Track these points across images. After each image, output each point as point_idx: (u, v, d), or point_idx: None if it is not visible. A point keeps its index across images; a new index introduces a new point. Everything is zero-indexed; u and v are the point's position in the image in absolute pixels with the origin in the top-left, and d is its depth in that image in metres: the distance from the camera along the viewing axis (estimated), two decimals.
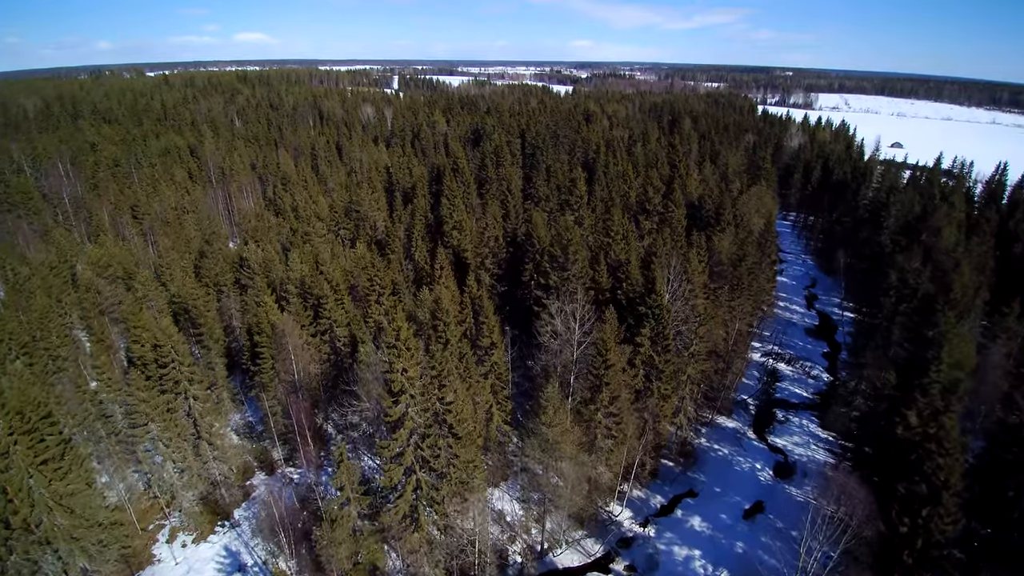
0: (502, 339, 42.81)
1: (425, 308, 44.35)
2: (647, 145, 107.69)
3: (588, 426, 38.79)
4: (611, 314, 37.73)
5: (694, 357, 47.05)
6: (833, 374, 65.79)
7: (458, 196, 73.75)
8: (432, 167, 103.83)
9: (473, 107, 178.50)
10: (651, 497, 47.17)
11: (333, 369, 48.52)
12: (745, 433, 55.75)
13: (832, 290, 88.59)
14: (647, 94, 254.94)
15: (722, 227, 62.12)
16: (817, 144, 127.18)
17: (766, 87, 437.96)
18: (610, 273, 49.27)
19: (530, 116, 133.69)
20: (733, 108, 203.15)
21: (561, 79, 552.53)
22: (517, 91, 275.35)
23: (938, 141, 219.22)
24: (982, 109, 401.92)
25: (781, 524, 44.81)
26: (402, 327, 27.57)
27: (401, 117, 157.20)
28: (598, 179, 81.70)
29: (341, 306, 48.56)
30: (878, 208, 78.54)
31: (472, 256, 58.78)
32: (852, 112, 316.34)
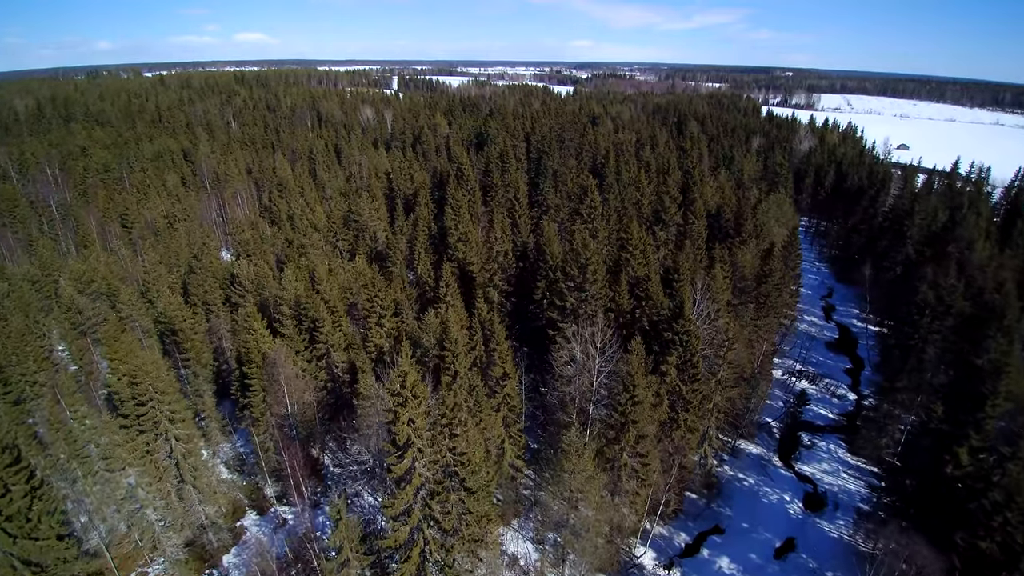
0: (515, 368, 39.34)
1: (431, 334, 40.88)
2: (655, 149, 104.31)
3: (611, 466, 35.38)
4: (638, 344, 34.30)
5: (721, 384, 43.68)
6: (858, 393, 62.48)
7: (463, 205, 70.31)
8: (434, 172, 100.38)
9: (475, 109, 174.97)
10: (675, 535, 43.76)
11: (331, 397, 45.10)
12: (770, 460, 52.38)
13: (850, 300, 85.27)
14: (649, 95, 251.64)
15: (743, 239, 58.73)
16: (827, 147, 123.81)
17: (767, 88, 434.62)
18: (630, 292, 45.83)
19: (534, 119, 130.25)
20: (737, 109, 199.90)
21: (561, 80, 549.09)
22: (518, 92, 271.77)
23: (943, 143, 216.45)
24: (985, 110, 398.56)
25: (814, 564, 41.56)
26: (409, 372, 24.13)
27: (401, 119, 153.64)
28: (608, 186, 78.29)
29: (339, 328, 45.11)
30: (900, 216, 75.21)
31: (479, 271, 55.33)
32: (855, 113, 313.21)
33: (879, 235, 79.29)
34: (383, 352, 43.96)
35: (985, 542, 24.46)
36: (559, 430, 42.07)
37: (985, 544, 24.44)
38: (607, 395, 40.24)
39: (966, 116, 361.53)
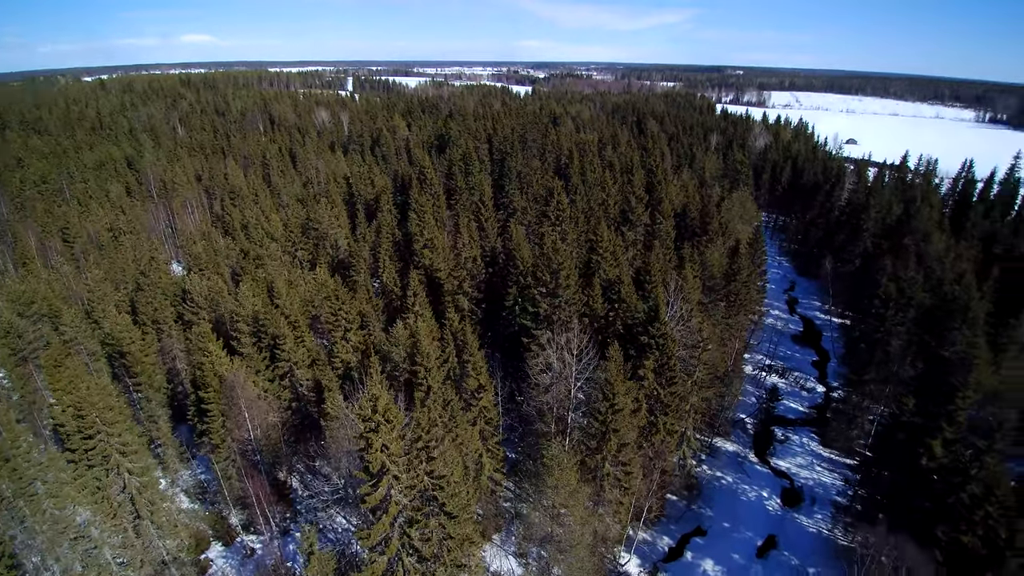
0: (490, 379, 37.92)
1: (400, 347, 39.02)
2: (618, 149, 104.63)
3: (594, 476, 34.41)
4: (616, 351, 33.40)
5: (697, 384, 43.40)
6: (826, 385, 63.73)
7: (427, 209, 68.38)
8: (395, 176, 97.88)
9: (434, 110, 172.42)
10: (658, 539, 43.25)
11: (296, 417, 42.63)
12: (747, 457, 52.65)
13: (812, 293, 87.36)
14: (607, 94, 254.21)
15: (710, 237, 59.01)
16: (782, 144, 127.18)
17: (720, 86, 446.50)
18: (603, 295, 45.06)
19: (495, 119, 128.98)
20: (693, 108, 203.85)
21: (519, 80, 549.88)
22: (477, 92, 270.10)
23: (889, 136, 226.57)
24: (926, 104, 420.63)
25: (796, 560, 41.72)
26: (380, 395, 22.40)
27: (358, 121, 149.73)
28: (573, 187, 77.68)
29: (302, 344, 42.67)
30: (856, 210, 77.44)
31: (447, 278, 53.61)
32: (804, 109, 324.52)
33: (837, 229, 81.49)
34: (350, 368, 41.80)
35: (967, 536, 24.59)
36: (538, 439, 40.94)
37: (967, 538, 24.56)
38: (585, 401, 39.36)
39: (908, 110, 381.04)
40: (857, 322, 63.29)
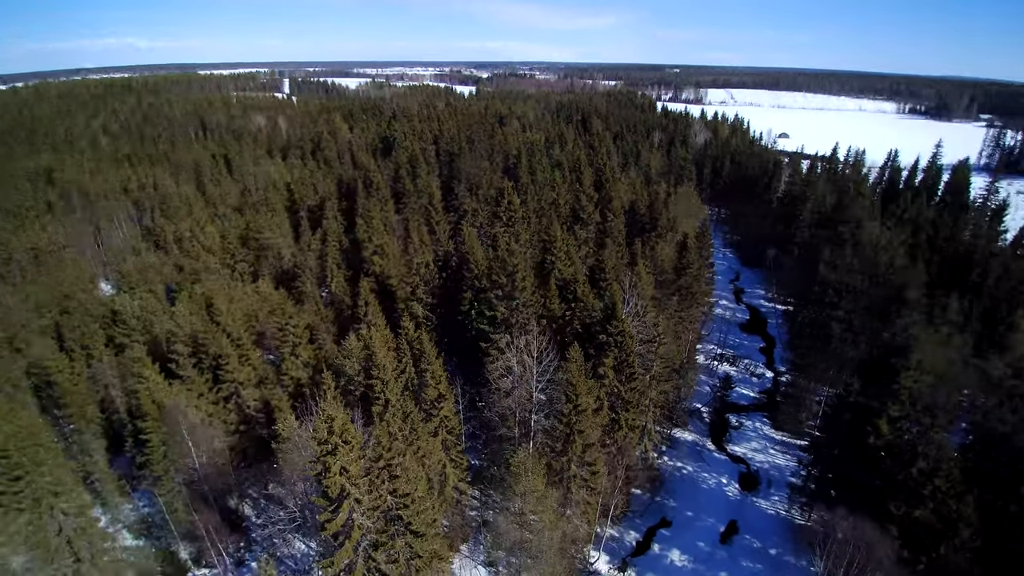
0: (450, 388, 36.97)
1: (354, 360, 37.45)
2: (565, 148, 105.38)
3: (560, 479, 34.11)
4: (576, 351, 33.20)
5: (655, 379, 43.98)
6: (774, 370, 66.20)
7: (375, 214, 66.48)
8: (340, 181, 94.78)
9: (377, 112, 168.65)
10: (625, 534, 43.50)
11: (245, 440, 40.25)
12: (704, 445, 53.87)
13: (756, 282, 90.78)
14: (551, 94, 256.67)
15: (659, 233, 60.10)
16: (720, 140, 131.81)
17: (659, 84, 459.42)
18: (559, 295, 44.91)
19: (441, 120, 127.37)
20: (635, 106, 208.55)
21: (463, 80, 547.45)
22: (421, 93, 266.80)
23: (818, 129, 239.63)
24: (850, 97, 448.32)
25: (758, 543, 42.95)
26: (336, 415, 21.14)
27: (297, 125, 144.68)
28: (523, 187, 77.49)
29: (247, 363, 40.29)
30: (793, 201, 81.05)
31: (399, 285, 52.13)
32: (738, 106, 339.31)
33: (776, 220, 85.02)
34: (301, 385, 39.82)
35: (919, 510, 25.75)
36: (501, 445, 40.34)
37: (920, 512, 25.72)
38: (547, 402, 39.04)
39: (834, 104, 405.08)
40: (800, 308, 66.03)
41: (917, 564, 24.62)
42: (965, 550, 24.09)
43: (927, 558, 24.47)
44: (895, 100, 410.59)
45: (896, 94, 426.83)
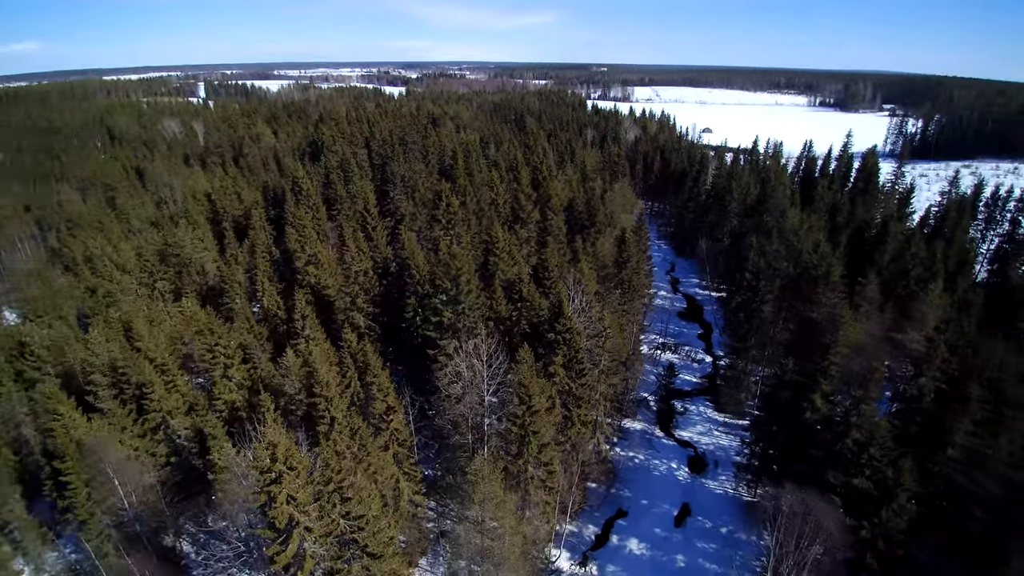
0: (398, 399, 35.75)
1: (294, 377, 35.46)
2: (501, 147, 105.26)
3: (518, 482, 33.74)
4: (526, 352, 32.92)
5: (604, 373, 44.53)
6: (712, 355, 68.93)
7: (306, 223, 63.50)
8: (266, 188, 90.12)
9: (303, 115, 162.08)
10: (583, 528, 43.79)
11: (177, 473, 37.18)
12: (653, 433, 55.22)
13: (690, 272, 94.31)
14: (484, 94, 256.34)
15: (598, 228, 61.03)
16: (649, 136, 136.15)
17: (587, 83, 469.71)
18: (505, 296, 44.54)
19: (371, 122, 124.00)
20: (566, 104, 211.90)
21: (391, 80, 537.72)
22: (348, 95, 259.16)
23: (738, 124, 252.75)
24: (766, 93, 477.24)
25: (710, 523, 44.39)
26: (280, 443, 19.71)
27: (216, 131, 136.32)
28: (461, 188, 76.59)
29: (174, 390, 37.26)
30: (720, 193, 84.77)
31: (338, 295, 50.03)
32: (663, 103, 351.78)
33: (706, 211, 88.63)
34: (236, 409, 37.25)
35: (857, 479, 27.30)
36: (455, 452, 39.49)
37: (858, 481, 27.27)
38: (500, 405, 38.59)
39: (752, 99, 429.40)
40: (732, 294, 69.03)
41: (860, 530, 26.14)
42: (903, 513, 25.78)
43: (869, 523, 26.02)
44: (807, 94, 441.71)
45: (808, 88, 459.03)
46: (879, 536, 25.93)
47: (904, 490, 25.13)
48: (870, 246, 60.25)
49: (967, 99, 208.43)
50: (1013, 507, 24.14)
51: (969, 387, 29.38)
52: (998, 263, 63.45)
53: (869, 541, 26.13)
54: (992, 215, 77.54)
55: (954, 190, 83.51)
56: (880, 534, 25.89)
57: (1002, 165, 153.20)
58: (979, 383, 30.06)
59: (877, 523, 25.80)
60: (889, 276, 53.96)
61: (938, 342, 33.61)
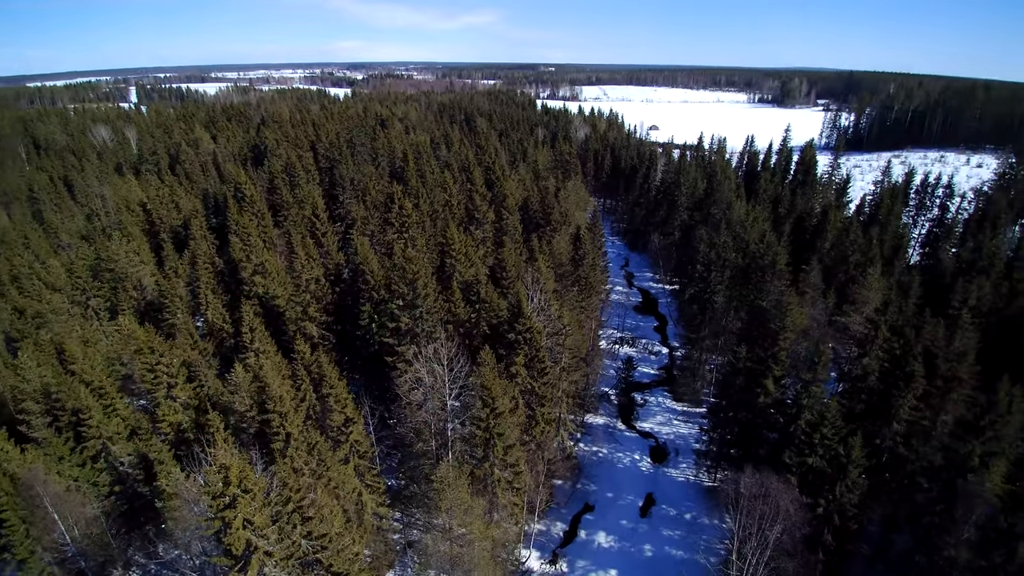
0: (357, 409, 34.73)
1: (244, 394, 33.85)
2: (452, 148, 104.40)
3: (485, 486, 33.39)
4: (488, 354, 32.61)
5: (565, 370, 44.73)
6: (668, 347, 70.58)
7: (251, 230, 60.95)
8: (206, 196, 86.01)
9: (243, 118, 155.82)
10: (552, 526, 43.92)
11: (122, 502, 34.90)
12: (615, 426, 56.03)
13: (643, 266, 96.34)
14: (432, 94, 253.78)
15: (553, 227, 61.32)
16: (599, 134, 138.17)
17: (536, 83, 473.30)
18: (463, 298, 44.05)
19: (317, 125, 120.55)
20: (516, 104, 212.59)
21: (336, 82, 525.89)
22: (291, 97, 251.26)
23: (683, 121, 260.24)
24: (708, 91, 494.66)
25: (674, 511, 45.38)
26: (232, 465, 18.64)
27: (150, 137, 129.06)
28: (413, 190, 75.40)
29: (114, 414, 34.90)
30: (670, 188, 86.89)
31: (288, 305, 48.20)
32: (611, 101, 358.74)
33: (656, 206, 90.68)
34: (183, 430, 35.24)
35: (811, 458, 28.38)
36: (419, 460, 38.77)
37: (812, 460, 28.36)
38: (463, 409, 38.11)
39: (695, 97, 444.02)
40: (685, 287, 70.92)
41: (816, 507, 27.21)
42: (856, 488, 27.00)
43: (824, 500, 27.13)
44: (746, 91, 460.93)
45: (747, 86, 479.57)
46: (834, 512, 27.07)
47: (856, 466, 26.35)
48: (811, 235, 63.12)
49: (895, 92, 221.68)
50: (954, 475, 25.65)
51: (911, 364, 31.08)
52: (929, 247, 67.92)
53: (825, 517, 27.24)
54: (922, 202, 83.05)
55: (886, 179, 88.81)
56: (835, 510, 27.04)
57: (929, 154, 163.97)
58: (920, 360, 31.85)
59: (832, 499, 26.92)
60: (830, 263, 56.64)
61: (879, 323, 35.42)
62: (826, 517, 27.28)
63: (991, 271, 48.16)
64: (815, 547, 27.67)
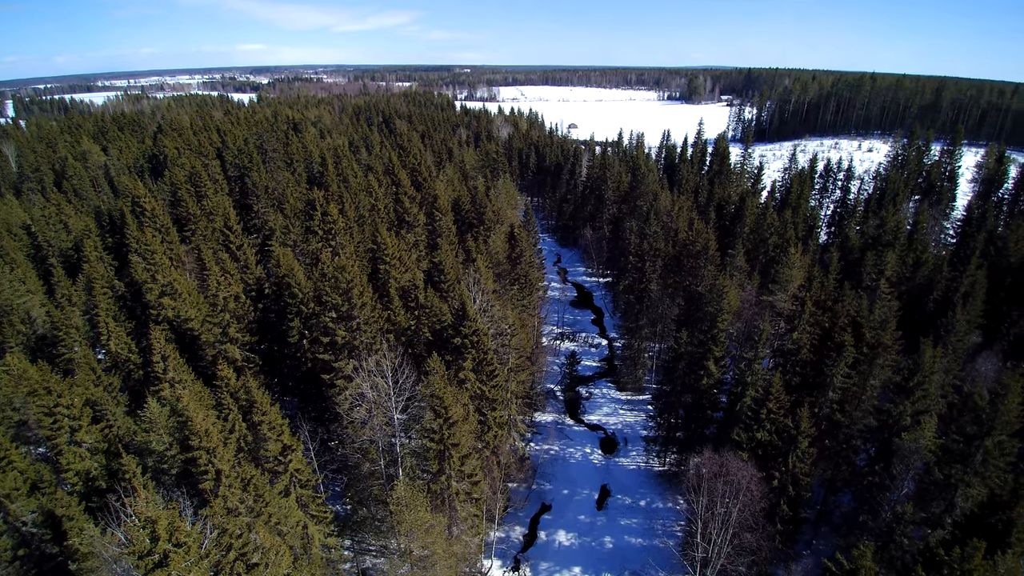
0: (295, 436, 31.94)
1: (162, 431, 30.15)
2: (372, 151, 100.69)
3: (443, 500, 31.76)
4: (436, 362, 31.00)
5: (513, 371, 43.82)
6: (607, 338, 71.65)
7: (155, 248, 55.01)
8: (99, 214, 77.36)
9: (137, 128, 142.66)
10: (511, 531, 42.97)
11: (30, 567, 29.96)
12: (564, 421, 55.99)
13: (576, 261, 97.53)
14: (345, 97, 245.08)
15: (487, 226, 60.23)
16: (521, 133, 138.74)
17: (453, 84, 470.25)
18: (402, 304, 42.00)
19: (223, 131, 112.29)
20: (435, 105, 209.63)
21: (239, 87, 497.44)
22: (190, 103, 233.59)
23: (600, 119, 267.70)
24: (620, 89, 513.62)
25: (629, 499, 45.81)
26: (159, 517, 16.04)
27: (31, 152, 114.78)
28: (334, 195, 71.61)
29: (10, 467, 29.90)
30: (596, 184, 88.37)
31: (204, 328, 43.90)
32: (528, 101, 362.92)
33: (583, 202, 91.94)
34: (93, 478, 30.81)
35: (760, 433, 29.18)
36: (368, 482, 36.41)
37: (761, 434, 29.16)
38: (412, 420, 36.21)
39: (609, 96, 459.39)
40: (619, 278, 72.31)
41: (772, 480, 28.01)
42: (806, 458, 28.02)
43: (779, 472, 27.97)
44: (655, 89, 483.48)
45: (656, 84, 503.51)
46: (788, 482, 27.98)
47: (805, 436, 27.37)
48: (731, 221, 66.23)
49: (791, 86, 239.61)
50: (889, 435, 27.19)
51: (841, 335, 32.84)
52: (835, 226, 73.40)
53: (780, 488, 28.10)
54: (825, 185, 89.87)
55: (793, 166, 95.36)
56: (789, 480, 27.94)
57: (825, 141, 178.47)
58: (849, 331, 33.74)
59: (785, 470, 27.80)
60: (751, 246, 59.58)
61: (805, 299, 37.27)
62: (781, 488, 28.17)
63: (895, 244, 52.54)
64: (772, 518, 28.51)
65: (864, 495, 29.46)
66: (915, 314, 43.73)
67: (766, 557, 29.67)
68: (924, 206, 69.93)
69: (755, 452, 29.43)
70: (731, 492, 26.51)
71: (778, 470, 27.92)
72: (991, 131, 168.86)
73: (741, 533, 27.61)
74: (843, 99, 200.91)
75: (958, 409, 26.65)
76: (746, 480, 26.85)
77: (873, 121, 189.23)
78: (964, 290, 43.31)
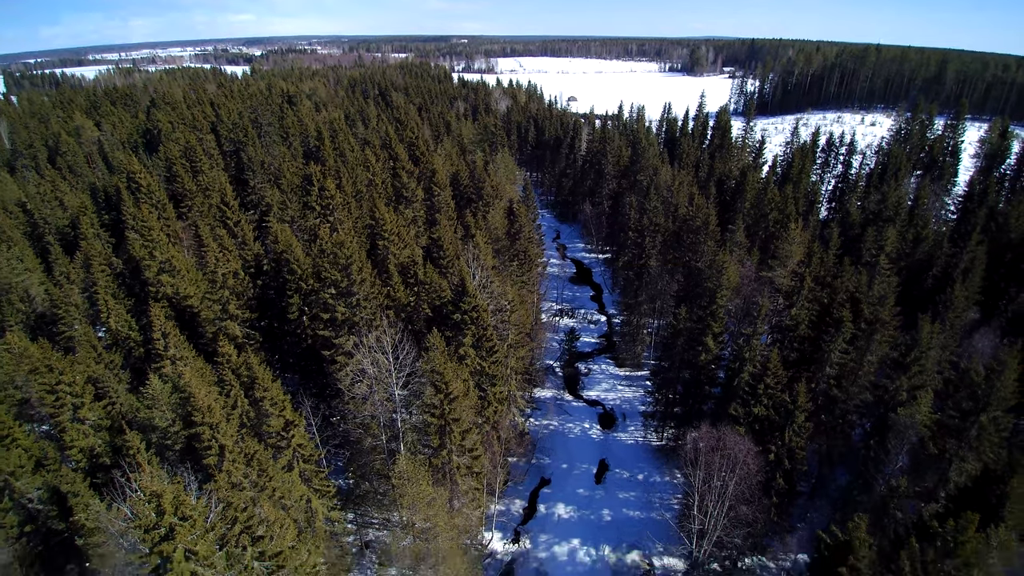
0: (297, 411, 32.21)
1: (165, 408, 30.38)
2: (369, 124, 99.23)
3: (444, 474, 32.23)
4: (436, 337, 31.06)
5: (512, 347, 44.01)
6: (606, 314, 71.81)
7: (152, 224, 54.61)
8: (95, 191, 76.59)
9: (130, 102, 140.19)
10: (511, 504, 43.71)
11: (35, 543, 30.61)
12: (563, 397, 56.50)
13: (575, 237, 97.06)
14: (340, 69, 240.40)
15: (486, 201, 59.73)
16: (520, 106, 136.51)
17: (450, 55, 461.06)
18: (401, 280, 41.91)
19: (217, 104, 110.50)
20: (432, 77, 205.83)
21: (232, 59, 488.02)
22: (182, 76, 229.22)
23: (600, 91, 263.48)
24: (621, 61, 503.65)
25: (627, 473, 46.54)
26: (164, 491, 16.25)
27: (24, 128, 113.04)
28: (331, 170, 70.81)
29: (14, 445, 30.24)
30: (596, 158, 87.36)
31: (204, 305, 43.82)
32: (527, 73, 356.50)
33: (583, 176, 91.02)
34: (97, 455, 31.18)
35: (757, 408, 29.50)
36: (369, 457, 36.91)
37: (758, 409, 29.48)
38: (412, 396, 36.51)
39: (609, 67, 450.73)
40: (619, 254, 72.05)
41: (768, 454, 28.43)
42: (803, 432, 28.38)
43: (775, 447, 28.37)
44: (656, 60, 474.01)
45: (657, 55, 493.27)
46: (784, 456, 28.39)
47: (802, 411, 27.67)
48: (731, 196, 65.72)
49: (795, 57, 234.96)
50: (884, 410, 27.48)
51: (839, 311, 32.92)
52: (836, 201, 72.91)
53: (776, 462, 28.53)
54: (827, 159, 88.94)
55: (795, 140, 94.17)
56: (785, 454, 28.35)
57: (828, 115, 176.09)
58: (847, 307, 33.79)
59: (782, 444, 28.19)
60: (751, 221, 59.24)
61: (804, 275, 37.23)
62: (777, 462, 28.60)
63: (896, 220, 52.27)
64: (768, 491, 29.01)
65: (859, 469, 29.93)
66: (914, 290, 43.77)
67: (761, 529, 30.30)
68: (926, 181, 69.37)
69: (752, 427, 29.78)
70: (728, 466, 26.90)
71: (774, 444, 28.31)
72: (995, 105, 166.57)
73: (737, 506, 28.11)
74: (847, 71, 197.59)
75: (954, 385, 26.92)
76: (743, 454, 27.22)
77: (877, 94, 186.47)
78: (964, 266, 43.27)
